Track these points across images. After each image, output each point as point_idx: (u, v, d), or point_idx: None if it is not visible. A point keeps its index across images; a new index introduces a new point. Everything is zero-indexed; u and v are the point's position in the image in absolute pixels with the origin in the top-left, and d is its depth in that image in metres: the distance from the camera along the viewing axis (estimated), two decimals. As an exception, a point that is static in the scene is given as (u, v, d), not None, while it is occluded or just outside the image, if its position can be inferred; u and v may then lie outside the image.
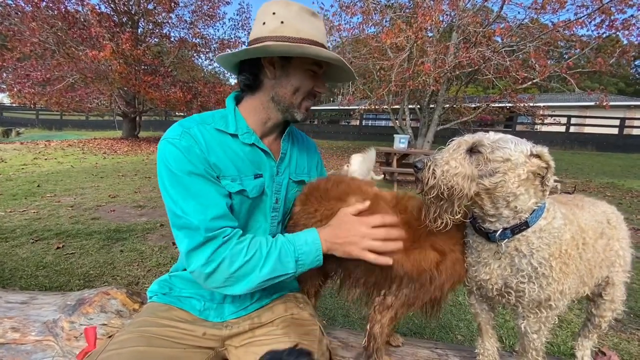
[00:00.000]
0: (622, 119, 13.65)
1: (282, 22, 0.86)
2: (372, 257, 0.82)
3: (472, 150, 0.74)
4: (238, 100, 0.98)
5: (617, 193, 6.22)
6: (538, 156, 0.72)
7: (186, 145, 0.82)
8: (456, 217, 0.74)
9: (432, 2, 8.06)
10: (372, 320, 0.88)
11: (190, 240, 0.79)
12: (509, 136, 0.74)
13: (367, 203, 0.89)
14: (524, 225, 0.74)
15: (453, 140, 0.77)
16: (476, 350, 0.97)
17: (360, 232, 0.83)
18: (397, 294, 0.87)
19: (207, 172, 0.83)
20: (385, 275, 0.87)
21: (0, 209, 3.80)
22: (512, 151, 0.71)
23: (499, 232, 0.76)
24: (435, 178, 0.72)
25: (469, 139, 0.75)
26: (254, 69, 0.92)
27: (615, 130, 13.58)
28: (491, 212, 0.75)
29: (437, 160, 0.73)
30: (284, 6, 0.88)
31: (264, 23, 0.88)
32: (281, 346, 0.75)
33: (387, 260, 0.82)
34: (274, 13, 0.87)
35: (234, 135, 0.90)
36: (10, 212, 3.74)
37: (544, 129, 14.45)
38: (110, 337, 0.85)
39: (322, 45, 0.90)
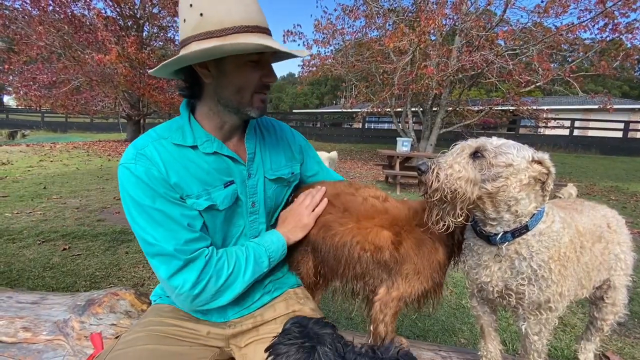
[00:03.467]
0: (626, 122, 13.60)
1: (201, 15, 0.74)
2: (318, 210, 0.99)
3: (476, 154, 0.75)
4: (192, 107, 0.90)
5: (621, 197, 6.19)
6: (539, 162, 0.74)
7: (143, 170, 0.78)
8: (458, 220, 0.75)
9: (435, 6, 8.09)
10: (375, 321, 0.89)
11: (168, 266, 0.77)
12: (512, 142, 0.76)
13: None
14: (524, 229, 0.76)
15: (457, 144, 0.79)
16: (479, 353, 0.98)
17: (301, 207, 0.99)
18: (387, 285, 0.90)
19: (168, 195, 0.79)
20: (352, 261, 0.93)
21: (8, 211, 3.85)
22: (515, 156, 0.72)
23: (499, 235, 0.77)
24: (439, 181, 0.73)
25: (472, 143, 0.76)
26: (190, 75, 0.84)
27: (619, 134, 13.52)
28: (492, 215, 0.77)
29: (441, 163, 0.74)
30: None
31: (184, 20, 0.77)
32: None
33: (323, 204, 1.00)
34: (190, 5, 0.75)
35: (194, 147, 0.85)
36: (17, 213, 3.79)
37: (548, 132, 14.42)
38: (117, 337, 0.86)
39: (257, 27, 0.77)
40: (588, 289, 0.91)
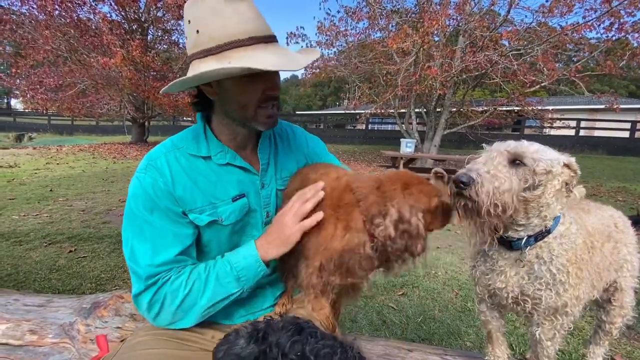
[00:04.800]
0: (633, 122, 13.42)
1: (197, 32, 0.73)
2: (308, 223, 0.79)
3: (515, 162, 0.71)
4: (208, 116, 0.90)
5: (629, 197, 6.11)
6: (568, 166, 0.73)
7: (149, 182, 0.79)
8: (499, 233, 0.74)
9: (438, 7, 8.08)
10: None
11: (136, 286, 0.79)
12: (543, 146, 0.75)
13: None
14: (546, 232, 0.75)
15: (488, 148, 0.75)
16: (486, 358, 0.97)
17: (286, 216, 0.81)
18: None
19: (169, 209, 0.80)
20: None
21: (15, 213, 3.89)
22: (552, 163, 0.71)
23: (524, 240, 0.75)
24: (488, 197, 0.67)
25: (508, 149, 0.73)
26: (198, 90, 0.84)
27: (626, 134, 13.37)
28: (522, 221, 0.74)
29: (484, 175, 0.69)
30: (195, 5, 0.74)
31: (187, 37, 0.77)
32: None
33: (317, 217, 0.79)
34: (189, 21, 0.75)
35: (208, 158, 0.85)
36: (24, 216, 3.82)
37: (553, 132, 14.30)
38: (122, 341, 0.87)
39: (252, 39, 0.73)
40: (599, 290, 0.90)
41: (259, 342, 0.46)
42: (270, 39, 0.77)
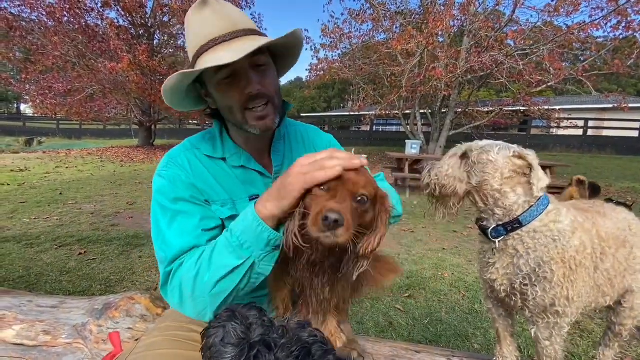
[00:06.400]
0: (643, 121, 13.21)
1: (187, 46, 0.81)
2: (312, 177, 0.62)
3: (464, 155, 0.85)
4: None
5: (639, 197, 6.02)
6: (521, 157, 0.80)
7: (172, 174, 0.81)
8: (451, 212, 0.84)
9: (442, 8, 8.07)
10: None
11: (161, 279, 0.77)
12: (498, 142, 0.84)
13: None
14: (517, 223, 0.79)
15: (453, 148, 0.89)
16: (494, 359, 0.97)
17: (300, 165, 0.65)
18: None
19: (193, 198, 0.80)
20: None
21: (26, 216, 3.96)
22: (495, 154, 0.81)
23: (491, 228, 0.82)
24: (429, 178, 0.86)
25: (463, 146, 0.87)
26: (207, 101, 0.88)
27: (635, 133, 13.15)
28: (483, 208, 0.84)
29: (435, 164, 0.87)
30: (186, 23, 0.80)
31: None
32: None
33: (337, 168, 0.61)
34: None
35: (223, 159, 0.88)
36: (35, 219, 3.89)
37: (560, 132, 14.14)
38: (137, 340, 0.88)
39: (212, 41, 0.75)
40: (612, 297, 0.90)
41: None
42: (235, 35, 0.75)
